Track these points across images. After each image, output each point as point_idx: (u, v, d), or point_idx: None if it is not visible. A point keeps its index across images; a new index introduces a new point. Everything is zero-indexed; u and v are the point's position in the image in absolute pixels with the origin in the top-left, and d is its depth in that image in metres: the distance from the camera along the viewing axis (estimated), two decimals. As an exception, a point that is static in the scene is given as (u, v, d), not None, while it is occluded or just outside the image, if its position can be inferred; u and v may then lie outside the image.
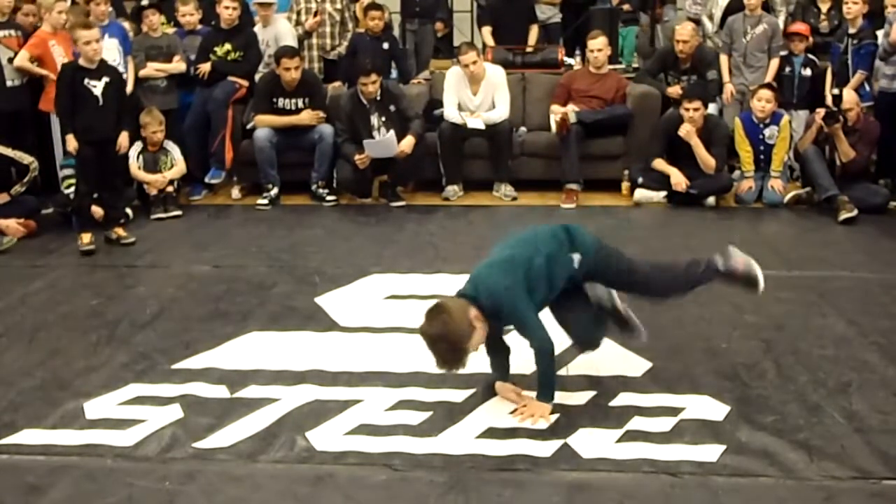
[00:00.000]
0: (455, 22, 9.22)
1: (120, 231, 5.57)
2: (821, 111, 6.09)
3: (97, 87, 5.34)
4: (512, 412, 3.19)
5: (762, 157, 6.47)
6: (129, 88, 6.41)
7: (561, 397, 3.30)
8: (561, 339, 3.83)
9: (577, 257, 3.25)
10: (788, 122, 6.51)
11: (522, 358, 3.65)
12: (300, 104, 6.62)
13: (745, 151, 6.47)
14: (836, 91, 6.15)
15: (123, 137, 5.56)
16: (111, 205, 5.59)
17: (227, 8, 6.70)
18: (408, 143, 6.34)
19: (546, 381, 3.20)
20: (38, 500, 2.72)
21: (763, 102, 6.39)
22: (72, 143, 5.31)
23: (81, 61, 5.38)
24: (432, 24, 8.52)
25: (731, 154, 6.57)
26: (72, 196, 5.73)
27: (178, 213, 6.27)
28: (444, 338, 2.99)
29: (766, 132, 6.46)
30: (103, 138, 5.40)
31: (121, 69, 6.35)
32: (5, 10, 6.17)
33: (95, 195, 5.57)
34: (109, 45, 6.33)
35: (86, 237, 5.36)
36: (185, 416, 3.22)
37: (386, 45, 7.33)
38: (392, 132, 6.29)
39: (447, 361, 3.05)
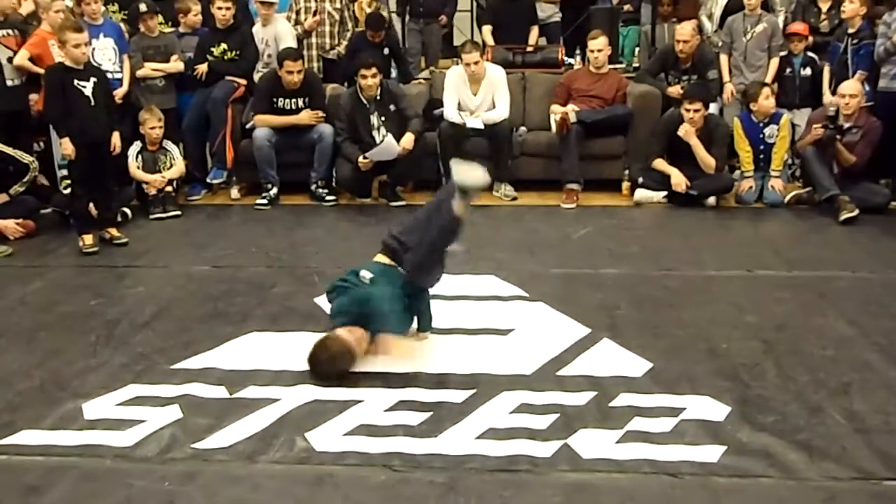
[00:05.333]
0: (455, 21, 9.21)
1: (113, 231, 5.56)
2: (819, 130, 6.05)
3: (87, 87, 5.30)
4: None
5: (762, 156, 6.47)
6: (125, 88, 6.42)
7: (561, 398, 3.30)
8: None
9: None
10: (788, 120, 6.51)
11: (521, 358, 3.66)
12: (300, 104, 6.62)
13: (744, 151, 6.46)
14: (832, 110, 6.10)
15: (116, 137, 5.52)
16: (104, 205, 5.57)
17: (220, 9, 6.70)
18: (408, 140, 6.34)
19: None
20: (37, 500, 2.71)
21: (762, 99, 6.38)
22: (68, 148, 5.24)
23: (68, 62, 5.31)
24: (437, 24, 8.50)
25: (731, 154, 6.58)
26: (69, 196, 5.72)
27: (177, 212, 6.27)
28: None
29: (766, 131, 6.46)
30: (97, 139, 5.36)
31: (116, 68, 6.36)
32: (7, 10, 6.17)
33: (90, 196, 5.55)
34: (105, 45, 6.34)
35: (88, 239, 5.35)
36: (184, 416, 3.21)
37: (386, 51, 7.30)
38: (389, 136, 6.28)
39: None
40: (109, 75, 5.99)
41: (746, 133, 6.48)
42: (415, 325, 3.91)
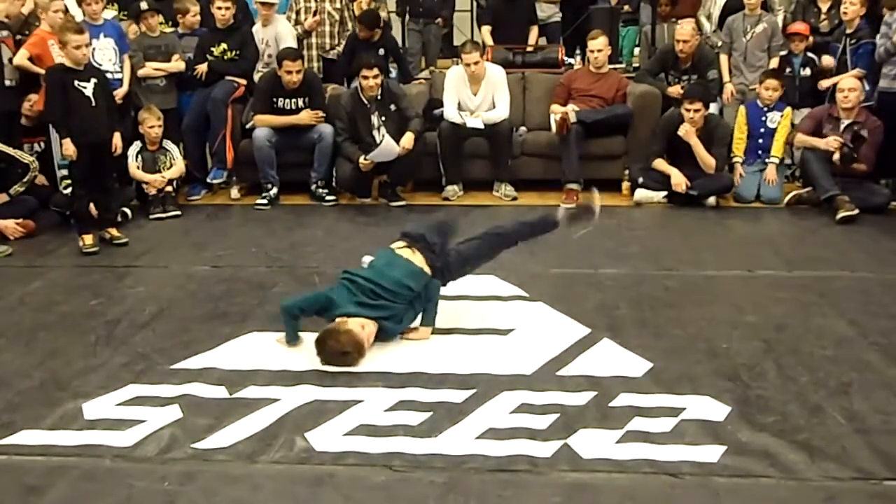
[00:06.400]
0: (455, 21, 9.22)
1: (113, 231, 5.56)
2: (835, 143, 6.02)
3: (87, 88, 5.30)
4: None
5: (761, 140, 6.54)
6: (125, 88, 6.42)
7: (561, 398, 3.30)
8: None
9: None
10: (791, 113, 6.56)
11: (521, 358, 3.66)
12: (300, 104, 6.62)
13: (738, 138, 6.56)
14: (859, 131, 6.09)
15: (117, 138, 5.53)
16: (104, 206, 5.57)
17: (220, 9, 6.70)
18: (408, 139, 6.34)
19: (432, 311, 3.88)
20: (36, 500, 2.71)
21: (770, 91, 6.51)
22: (70, 149, 5.24)
23: (68, 63, 5.30)
24: (437, 24, 8.51)
25: (731, 153, 6.58)
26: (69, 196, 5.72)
27: (177, 212, 6.27)
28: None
29: (769, 115, 6.56)
30: (98, 140, 5.36)
31: (116, 68, 6.37)
32: (11, 14, 6.18)
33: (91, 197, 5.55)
34: (105, 45, 6.34)
35: (88, 239, 5.35)
36: (184, 416, 3.21)
37: (382, 51, 7.29)
38: (388, 136, 6.27)
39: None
40: (109, 75, 6.00)
41: (749, 119, 6.59)
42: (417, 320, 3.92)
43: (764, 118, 6.56)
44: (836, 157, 6.02)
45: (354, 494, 2.72)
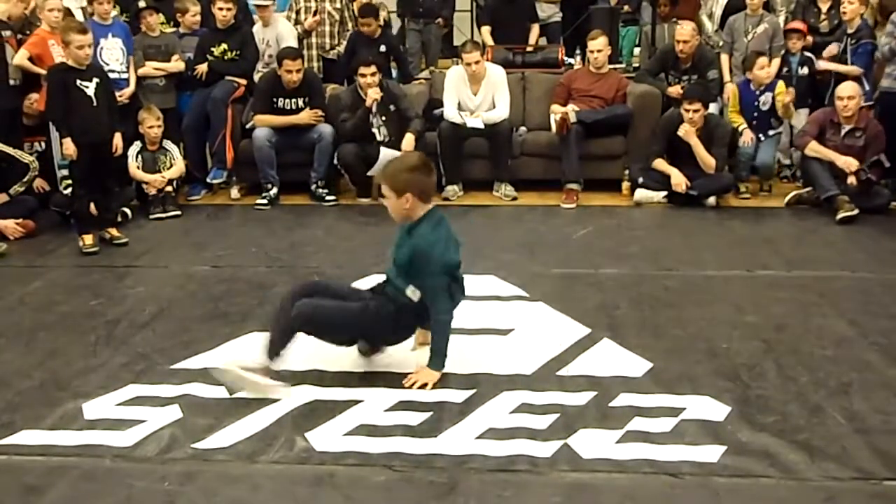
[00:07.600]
0: (455, 21, 9.22)
1: (113, 231, 5.56)
2: (853, 165, 6.01)
3: (89, 87, 5.30)
4: (405, 380, 3.42)
5: (755, 122, 6.62)
6: (132, 88, 6.44)
7: (561, 398, 3.30)
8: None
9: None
10: (783, 84, 6.64)
11: (521, 358, 3.65)
12: (300, 104, 6.62)
13: (734, 115, 6.69)
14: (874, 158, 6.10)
15: (118, 138, 5.54)
16: (104, 206, 5.57)
17: (221, 9, 6.70)
18: (408, 141, 6.35)
19: (438, 350, 3.44)
20: (36, 500, 2.71)
21: (766, 69, 6.59)
22: (70, 148, 5.24)
23: (70, 62, 5.31)
24: (437, 24, 8.52)
25: (731, 153, 6.58)
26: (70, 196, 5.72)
27: (177, 212, 6.27)
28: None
29: (762, 98, 6.61)
30: (99, 140, 5.37)
31: (123, 68, 6.38)
32: (14, 14, 6.18)
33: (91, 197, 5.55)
34: (113, 45, 6.37)
35: (88, 239, 5.35)
36: (184, 416, 3.21)
37: (383, 48, 7.29)
38: (384, 150, 6.25)
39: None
40: (116, 75, 6.05)
41: (742, 99, 6.66)
42: None
43: (756, 102, 6.61)
44: (852, 179, 6.00)
45: (354, 494, 2.72)
